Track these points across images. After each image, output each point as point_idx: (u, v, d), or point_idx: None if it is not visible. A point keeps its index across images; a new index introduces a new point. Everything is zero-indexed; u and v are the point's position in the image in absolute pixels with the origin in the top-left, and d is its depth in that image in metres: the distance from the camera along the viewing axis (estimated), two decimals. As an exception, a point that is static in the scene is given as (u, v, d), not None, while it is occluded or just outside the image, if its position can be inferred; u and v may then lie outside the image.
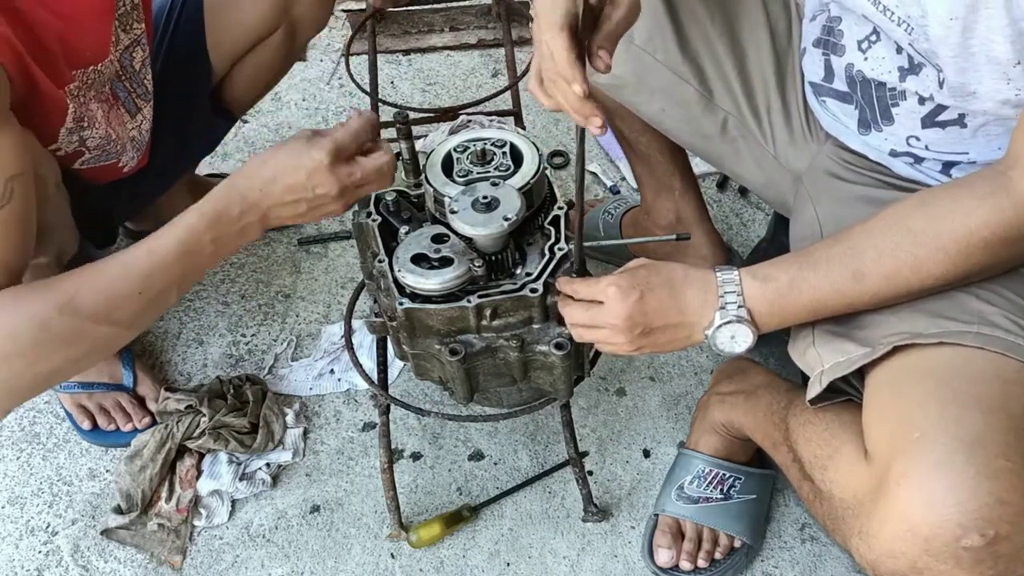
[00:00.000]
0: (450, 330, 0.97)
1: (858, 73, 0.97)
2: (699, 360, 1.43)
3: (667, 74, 1.13)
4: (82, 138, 1.09)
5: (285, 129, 1.85)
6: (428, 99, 1.90)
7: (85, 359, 0.95)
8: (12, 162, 0.89)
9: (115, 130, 1.14)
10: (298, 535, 1.26)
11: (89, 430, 1.35)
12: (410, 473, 1.31)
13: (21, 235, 0.93)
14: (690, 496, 1.19)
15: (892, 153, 0.99)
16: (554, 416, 1.34)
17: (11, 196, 0.89)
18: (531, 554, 1.22)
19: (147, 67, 1.19)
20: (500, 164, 1.03)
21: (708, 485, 1.20)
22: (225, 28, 1.31)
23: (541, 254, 0.98)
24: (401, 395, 1.38)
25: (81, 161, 1.12)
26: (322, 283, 1.57)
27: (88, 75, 1.06)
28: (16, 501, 1.31)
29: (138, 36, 1.15)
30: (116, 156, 1.17)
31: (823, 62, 1.02)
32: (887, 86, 0.94)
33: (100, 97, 1.10)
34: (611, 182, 1.69)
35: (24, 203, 0.91)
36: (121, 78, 1.14)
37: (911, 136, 0.96)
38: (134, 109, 1.19)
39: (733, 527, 1.18)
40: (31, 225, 0.95)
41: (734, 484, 1.20)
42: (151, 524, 1.25)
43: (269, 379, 1.42)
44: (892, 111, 0.96)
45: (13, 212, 0.90)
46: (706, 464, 1.21)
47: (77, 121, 1.06)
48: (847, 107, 1.02)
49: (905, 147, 0.98)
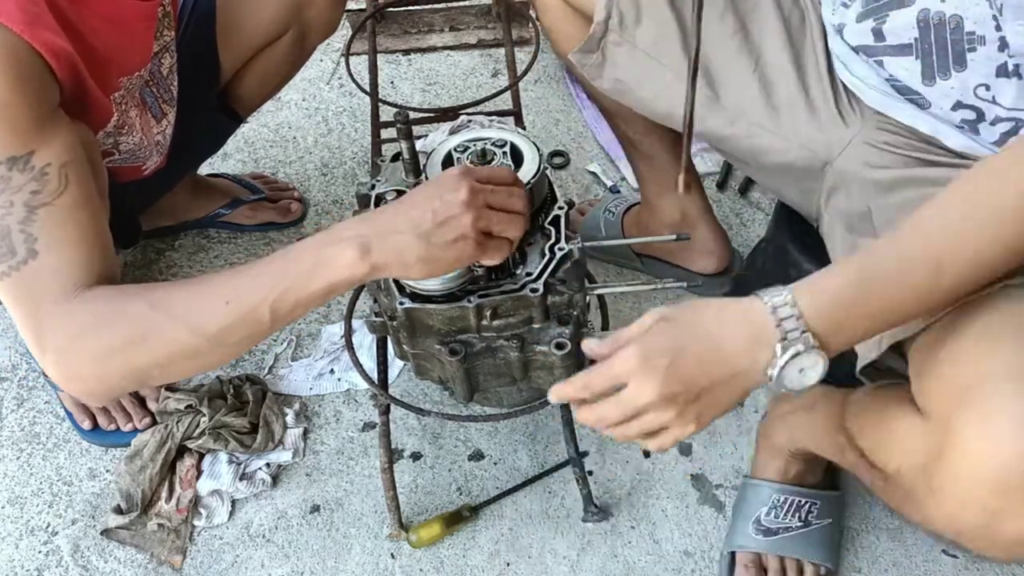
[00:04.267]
0: (450, 330, 0.97)
1: (934, 16, 0.91)
2: (699, 360, 1.42)
3: (672, 77, 1.12)
4: (117, 142, 1.09)
5: (285, 129, 1.85)
6: (428, 99, 1.90)
7: (168, 363, 0.88)
8: (63, 151, 0.87)
9: (146, 136, 1.15)
10: (298, 535, 1.26)
11: (89, 430, 1.35)
12: (410, 473, 1.31)
13: (92, 220, 0.89)
14: (768, 528, 1.15)
15: (955, 106, 0.94)
16: (554, 416, 1.34)
17: (68, 182, 0.86)
18: (531, 554, 1.22)
19: (174, 73, 1.20)
20: (500, 164, 1.03)
21: (786, 514, 1.15)
22: (236, 29, 1.31)
23: (541, 254, 0.98)
24: (401, 395, 1.38)
25: (108, 160, 1.12)
26: (322, 283, 1.57)
27: (132, 81, 1.06)
28: (16, 501, 1.31)
29: (167, 43, 1.15)
30: (143, 160, 1.18)
31: (870, 28, 0.98)
32: (965, 29, 0.89)
33: (135, 103, 1.10)
34: (611, 182, 1.69)
35: (82, 188, 0.88)
36: (150, 84, 1.15)
37: (981, 85, 0.91)
38: (160, 114, 1.19)
39: (817, 555, 1.15)
40: (97, 208, 0.91)
41: (811, 510, 1.16)
42: (151, 524, 1.25)
43: (269, 379, 1.42)
44: (967, 56, 0.90)
45: (75, 197, 0.87)
46: (779, 493, 1.16)
47: (117, 127, 1.06)
48: (906, 59, 0.96)
49: (972, 99, 0.92)
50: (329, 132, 1.85)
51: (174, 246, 1.63)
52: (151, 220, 1.59)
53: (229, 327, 0.85)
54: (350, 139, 1.83)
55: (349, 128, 1.86)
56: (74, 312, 0.85)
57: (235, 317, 0.84)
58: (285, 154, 1.81)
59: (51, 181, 0.86)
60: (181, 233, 1.64)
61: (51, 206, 0.85)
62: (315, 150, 1.82)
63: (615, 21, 1.13)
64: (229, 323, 0.84)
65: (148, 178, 1.27)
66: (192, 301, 0.86)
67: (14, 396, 1.43)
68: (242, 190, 1.65)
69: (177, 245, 1.63)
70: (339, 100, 1.91)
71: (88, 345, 0.86)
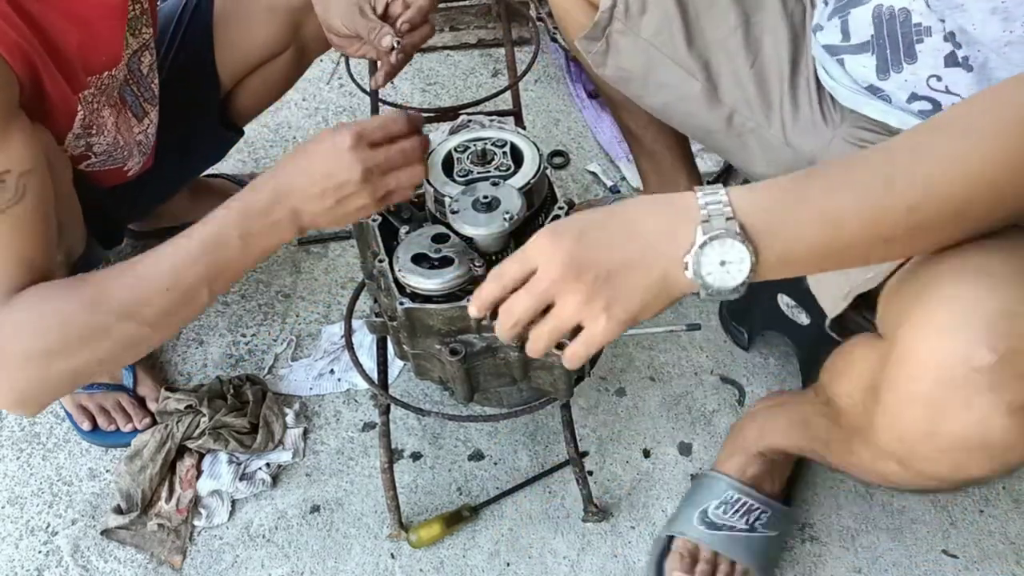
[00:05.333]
0: (450, 330, 0.97)
1: (886, 11, 0.93)
2: (699, 360, 1.43)
3: (673, 68, 1.13)
4: (89, 143, 1.09)
5: (285, 129, 1.85)
6: (428, 99, 1.90)
7: (111, 359, 0.91)
8: (23, 158, 0.87)
9: (123, 135, 1.14)
10: (298, 535, 1.26)
11: (89, 430, 1.35)
12: (410, 473, 1.31)
13: (41, 232, 0.91)
14: (713, 522, 1.14)
15: (911, 98, 0.95)
16: (554, 416, 1.34)
17: (24, 192, 0.87)
18: (531, 554, 1.22)
19: (154, 71, 1.19)
20: (500, 164, 1.03)
21: (735, 513, 1.14)
22: (234, 45, 1.31)
23: (541, 254, 0.98)
24: (401, 395, 1.38)
25: (86, 164, 1.11)
26: (322, 283, 1.57)
27: (103, 80, 1.06)
28: (16, 501, 1.31)
29: (146, 40, 1.15)
30: (122, 161, 1.17)
31: (839, 25, 1.00)
32: (912, 20, 0.90)
33: (110, 102, 1.10)
34: (611, 182, 1.69)
35: (39, 199, 0.89)
36: (129, 82, 1.14)
37: (932, 76, 0.92)
38: (141, 113, 1.19)
39: (753, 561, 1.13)
40: (50, 221, 0.93)
41: (760, 517, 1.15)
42: (151, 524, 1.25)
43: (269, 379, 1.42)
44: (916, 47, 0.91)
45: (28, 208, 0.88)
46: (735, 491, 1.16)
47: (85, 127, 1.06)
48: (864, 56, 0.98)
49: (926, 90, 0.93)
50: (329, 132, 1.85)
51: (174, 246, 1.63)
52: (150, 221, 1.58)
53: (169, 311, 0.90)
54: (350, 139, 1.83)
55: (349, 128, 1.85)
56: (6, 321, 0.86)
57: (175, 301, 0.89)
58: (285, 154, 1.81)
59: (8, 190, 0.86)
60: (181, 233, 1.64)
61: (3, 214, 0.86)
62: (315, 150, 1.81)
63: (620, 10, 1.15)
64: (171, 308, 0.89)
65: (145, 186, 1.27)
66: (131, 293, 0.88)
67: (14, 396, 1.43)
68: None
69: (177, 245, 1.63)
70: (339, 100, 1.91)
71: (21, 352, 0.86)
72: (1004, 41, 0.84)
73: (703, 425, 1.35)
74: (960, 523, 1.23)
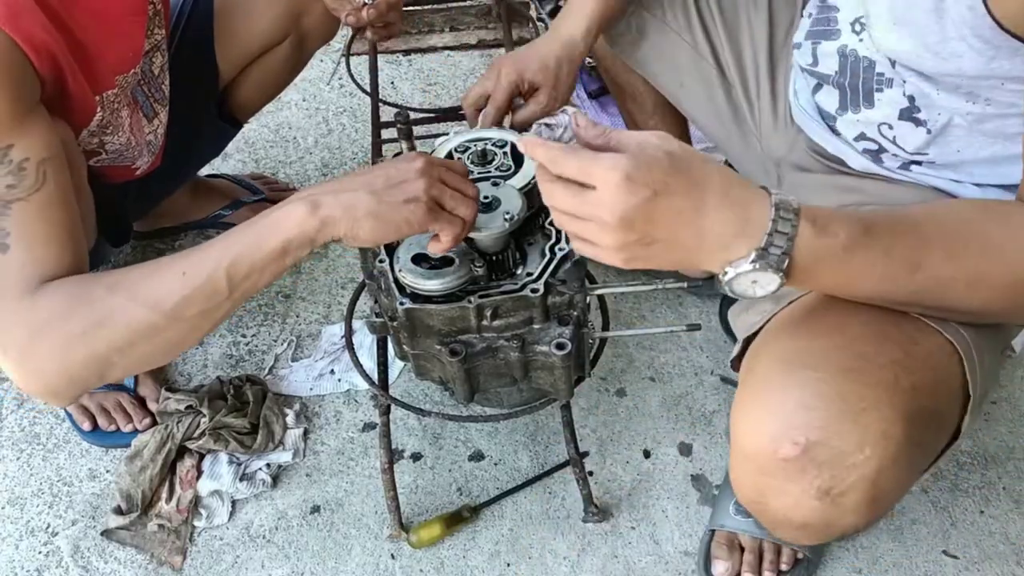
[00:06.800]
0: (451, 330, 0.97)
1: (852, 52, 0.96)
2: (699, 360, 1.43)
3: (688, 51, 1.18)
4: (102, 141, 1.09)
5: (285, 129, 1.85)
6: (428, 99, 1.90)
7: (127, 345, 0.87)
8: (41, 146, 0.88)
9: (135, 135, 1.15)
10: (298, 535, 1.26)
11: (89, 431, 1.35)
12: (410, 473, 1.31)
13: (66, 219, 0.90)
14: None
15: (858, 137, 1.00)
16: (554, 416, 1.34)
17: (45, 178, 0.88)
18: (531, 554, 1.22)
19: (165, 72, 1.20)
20: (501, 164, 1.03)
21: None
22: (235, 35, 1.31)
23: (542, 254, 0.98)
24: (401, 395, 1.38)
25: (96, 160, 1.12)
26: (322, 283, 1.57)
27: (127, 80, 1.06)
28: (16, 501, 1.31)
29: (159, 41, 1.15)
30: (132, 160, 1.18)
31: (811, 50, 1.03)
32: (876, 69, 0.93)
33: (127, 102, 1.10)
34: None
35: (59, 187, 0.89)
36: (141, 83, 1.15)
37: (884, 123, 0.95)
38: (151, 113, 1.19)
39: None
40: (72, 209, 0.92)
41: None
42: (151, 525, 1.25)
43: (269, 379, 1.42)
44: (875, 95, 0.95)
45: (50, 194, 0.88)
46: None
47: (102, 127, 1.06)
48: (828, 87, 1.02)
49: (875, 133, 0.97)
50: (329, 132, 1.85)
51: (175, 247, 1.62)
52: (152, 221, 1.59)
53: (186, 298, 0.86)
54: (350, 139, 1.83)
55: (349, 128, 1.86)
56: (35, 307, 0.86)
57: (192, 287, 0.85)
58: (285, 154, 1.81)
59: (28, 176, 0.86)
60: (182, 234, 1.64)
61: (25, 201, 0.86)
62: (315, 150, 1.82)
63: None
64: (186, 294, 0.85)
65: (148, 182, 1.27)
66: (148, 277, 0.87)
67: (14, 396, 1.43)
68: (242, 191, 1.65)
69: (177, 246, 1.63)
70: (339, 100, 1.91)
71: (48, 337, 0.86)
72: (966, 111, 0.87)
73: (703, 425, 1.35)
74: (960, 524, 1.23)
